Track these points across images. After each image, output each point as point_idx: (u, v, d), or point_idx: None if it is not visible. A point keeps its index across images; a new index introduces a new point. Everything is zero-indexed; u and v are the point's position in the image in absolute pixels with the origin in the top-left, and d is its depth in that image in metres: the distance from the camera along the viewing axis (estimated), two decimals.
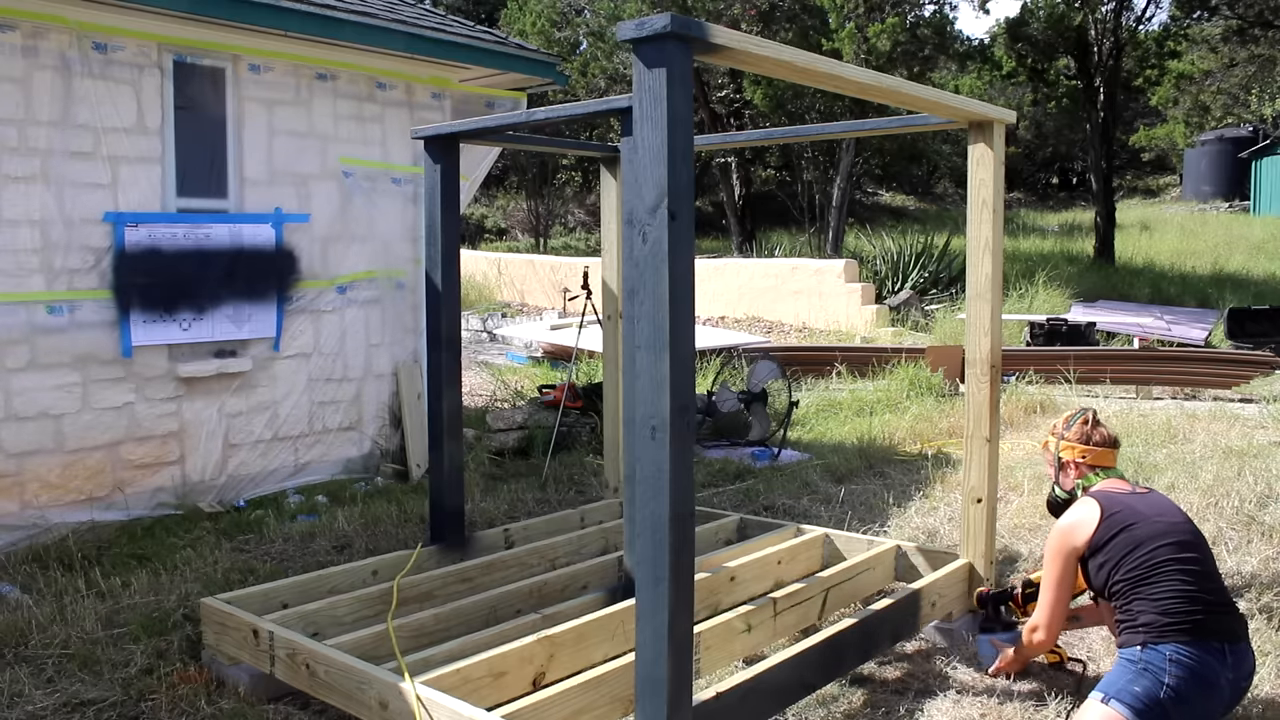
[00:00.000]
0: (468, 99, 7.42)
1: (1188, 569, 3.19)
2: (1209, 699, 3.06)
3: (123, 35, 5.56)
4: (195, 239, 5.87)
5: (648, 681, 2.70)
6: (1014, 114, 4.25)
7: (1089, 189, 26.63)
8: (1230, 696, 3.13)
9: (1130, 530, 3.30)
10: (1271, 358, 10.04)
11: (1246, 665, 3.16)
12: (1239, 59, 19.31)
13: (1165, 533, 3.28)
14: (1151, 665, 3.06)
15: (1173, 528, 3.30)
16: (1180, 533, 3.29)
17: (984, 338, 4.14)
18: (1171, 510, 3.41)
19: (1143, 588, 3.20)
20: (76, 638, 4.01)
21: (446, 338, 4.58)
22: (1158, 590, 3.17)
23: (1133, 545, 3.27)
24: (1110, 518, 3.36)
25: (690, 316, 2.63)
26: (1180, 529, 3.31)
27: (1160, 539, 3.26)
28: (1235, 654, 3.11)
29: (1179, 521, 3.34)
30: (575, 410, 7.77)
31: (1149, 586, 3.19)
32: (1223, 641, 3.10)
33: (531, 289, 18.75)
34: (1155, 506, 3.41)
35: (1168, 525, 3.31)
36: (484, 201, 32.42)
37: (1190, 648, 3.06)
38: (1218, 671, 3.06)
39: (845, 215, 20.30)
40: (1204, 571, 3.23)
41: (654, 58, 2.54)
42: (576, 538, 4.91)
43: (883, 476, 6.72)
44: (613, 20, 20.55)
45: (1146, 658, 3.08)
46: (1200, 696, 3.04)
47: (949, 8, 34.48)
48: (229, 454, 6.14)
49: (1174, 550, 3.23)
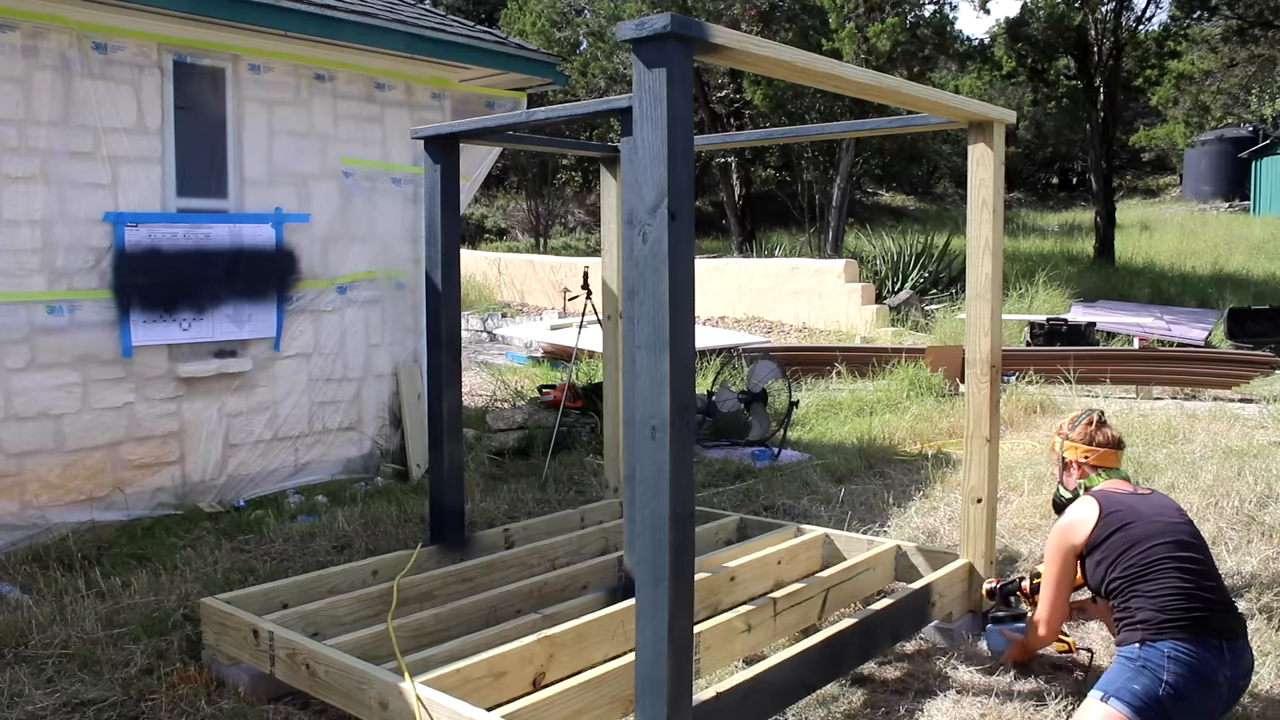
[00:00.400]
0: (468, 99, 7.42)
1: (1185, 567, 3.20)
2: (1208, 696, 3.06)
3: (123, 35, 5.56)
4: (195, 239, 5.87)
5: (648, 681, 2.70)
6: (1014, 114, 4.26)
7: (1089, 189, 26.63)
8: (1229, 694, 3.13)
9: (1128, 529, 3.32)
10: (1271, 358, 10.04)
11: (1245, 663, 3.16)
12: (1239, 59, 19.31)
13: (1163, 531, 3.29)
14: (1150, 662, 3.06)
15: (1171, 527, 3.31)
16: (1178, 532, 3.30)
17: (984, 338, 4.15)
18: (1171, 510, 3.41)
19: (1140, 585, 3.21)
20: (76, 638, 4.01)
21: (446, 338, 4.58)
22: (1155, 587, 3.18)
23: (1130, 543, 3.29)
24: (1108, 516, 3.38)
25: (690, 316, 2.63)
26: (1179, 528, 3.31)
27: (1158, 537, 3.27)
28: (1233, 651, 3.11)
29: (1178, 521, 3.35)
30: (575, 410, 7.77)
31: (1146, 584, 3.20)
32: (1221, 639, 3.10)
33: (531, 289, 18.75)
34: (1155, 506, 3.41)
35: (1167, 525, 3.31)
36: (484, 201, 32.41)
37: (1188, 644, 3.06)
38: (1216, 668, 3.06)
39: (845, 215, 20.29)
40: (1202, 570, 3.23)
41: (654, 58, 2.54)
42: (576, 538, 4.92)
43: (883, 476, 6.72)
44: (613, 20, 20.54)
45: (1145, 655, 3.08)
46: (1199, 693, 3.04)
47: (949, 8, 34.50)
48: (229, 454, 6.14)
49: (1171, 548, 3.24)
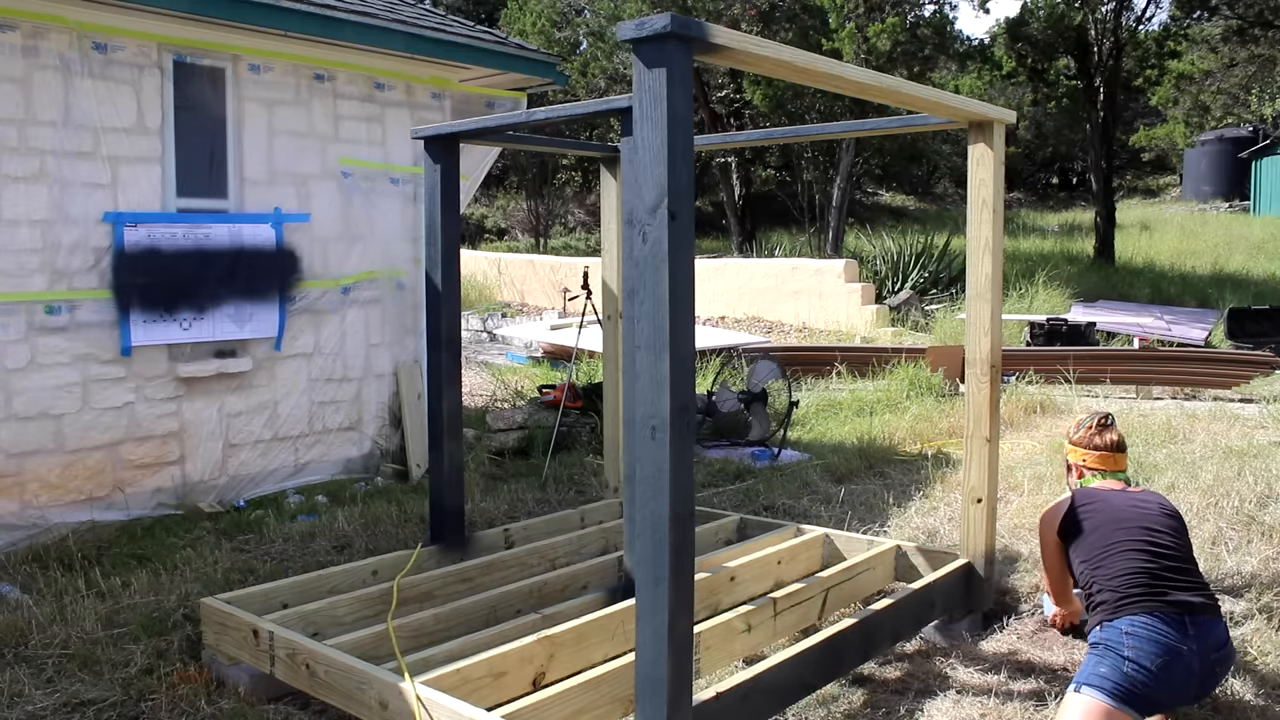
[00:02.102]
0: (468, 99, 7.42)
1: (1145, 549, 3.26)
2: (1174, 666, 3.03)
3: (123, 35, 5.56)
4: (195, 239, 5.87)
5: (648, 681, 2.70)
6: (1014, 114, 4.26)
7: (1089, 189, 26.64)
8: (1201, 668, 3.08)
9: (1094, 517, 3.45)
10: (1271, 358, 10.04)
11: (1214, 637, 3.12)
12: (1239, 59, 19.32)
13: (1130, 519, 3.36)
14: (1110, 642, 3.08)
15: (1141, 515, 3.37)
16: (1147, 519, 3.36)
17: (984, 338, 4.15)
18: (1150, 504, 3.46)
19: (1100, 569, 3.29)
20: (76, 638, 4.01)
21: (446, 338, 4.58)
22: (1113, 569, 3.25)
23: (1093, 529, 3.41)
24: (1080, 507, 3.53)
25: (690, 316, 2.63)
26: (1149, 516, 3.37)
27: (1123, 523, 3.35)
28: (1197, 625, 3.09)
29: (1151, 511, 3.40)
30: (575, 410, 7.77)
31: (1105, 568, 3.28)
32: (1181, 613, 3.10)
33: (531, 289, 18.74)
34: (1132, 500, 3.49)
35: (1137, 514, 3.38)
36: (484, 201, 32.41)
37: (1142, 617, 3.08)
38: (1177, 639, 3.04)
39: (845, 215, 20.29)
40: (1165, 552, 3.26)
41: (654, 58, 2.54)
42: (576, 538, 4.91)
43: (883, 476, 6.71)
44: (613, 20, 20.54)
45: (1105, 636, 3.11)
46: (1163, 664, 3.01)
47: (949, 8, 34.42)
48: (229, 454, 6.14)
49: (1132, 532, 3.31)
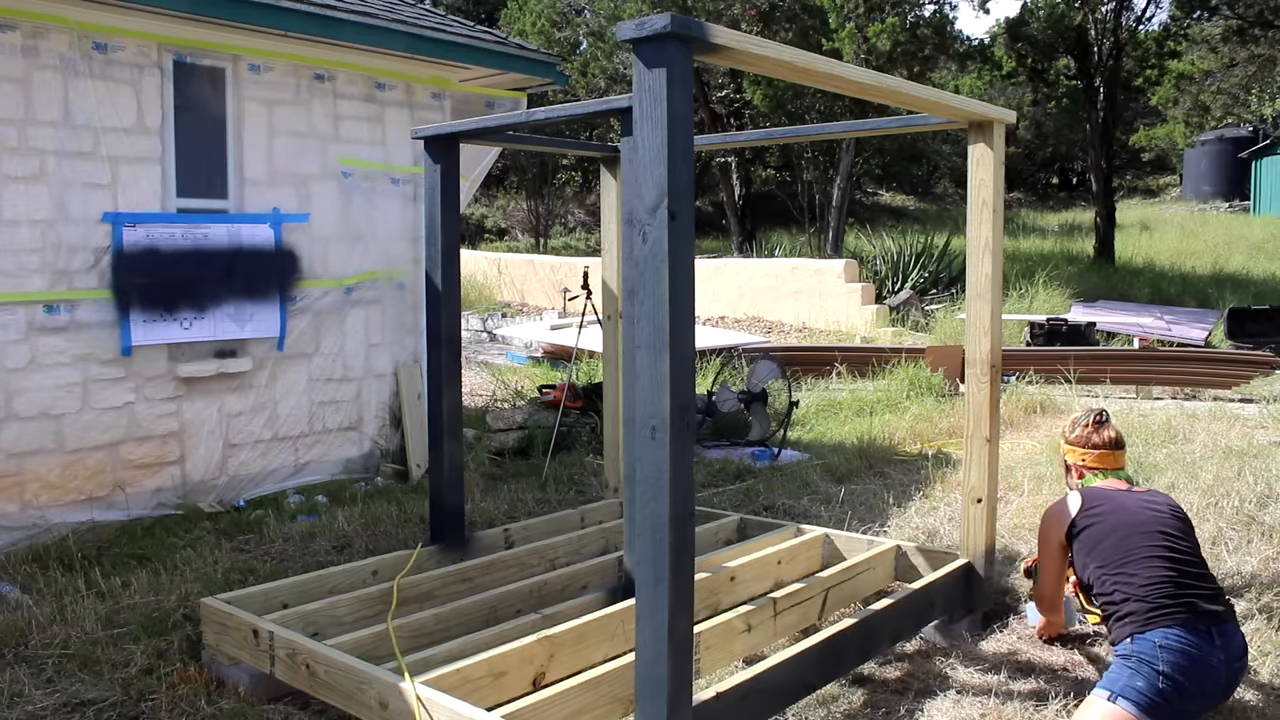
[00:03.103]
0: (468, 99, 7.42)
1: (1166, 555, 3.24)
2: (1205, 679, 3.06)
3: (123, 35, 5.56)
4: (194, 239, 5.87)
5: (648, 681, 2.70)
6: (1014, 114, 4.26)
7: (1089, 189, 26.63)
8: (1227, 677, 3.13)
9: (1107, 519, 3.40)
10: (1271, 358, 10.04)
11: (1236, 646, 3.16)
12: (1239, 59, 19.32)
13: (1145, 522, 3.34)
14: (1144, 655, 3.07)
15: (1155, 519, 3.35)
16: (1160, 523, 3.34)
17: (984, 338, 4.15)
18: (1161, 505, 3.45)
19: (1121, 575, 3.25)
20: (76, 638, 4.01)
21: (446, 338, 4.58)
22: (1137, 576, 3.22)
23: (1109, 532, 3.36)
24: (1090, 508, 3.48)
25: (690, 316, 2.63)
26: (1162, 520, 3.35)
27: (1139, 527, 3.32)
28: (1224, 636, 3.12)
29: (1162, 514, 3.39)
30: (575, 410, 7.77)
31: (1127, 573, 3.24)
32: (1210, 624, 3.11)
33: (531, 289, 18.74)
34: (1142, 501, 3.47)
35: (1151, 516, 3.37)
36: (484, 201, 32.41)
37: (1176, 630, 3.08)
38: (1209, 652, 3.07)
39: (845, 215, 20.29)
40: (1184, 558, 3.26)
41: (654, 58, 2.54)
42: (576, 538, 4.91)
43: (883, 476, 6.71)
44: (613, 20, 20.54)
45: (1137, 649, 3.10)
46: (1196, 678, 3.04)
47: (949, 8, 34.42)
48: (229, 454, 6.14)
49: (1150, 537, 3.28)
